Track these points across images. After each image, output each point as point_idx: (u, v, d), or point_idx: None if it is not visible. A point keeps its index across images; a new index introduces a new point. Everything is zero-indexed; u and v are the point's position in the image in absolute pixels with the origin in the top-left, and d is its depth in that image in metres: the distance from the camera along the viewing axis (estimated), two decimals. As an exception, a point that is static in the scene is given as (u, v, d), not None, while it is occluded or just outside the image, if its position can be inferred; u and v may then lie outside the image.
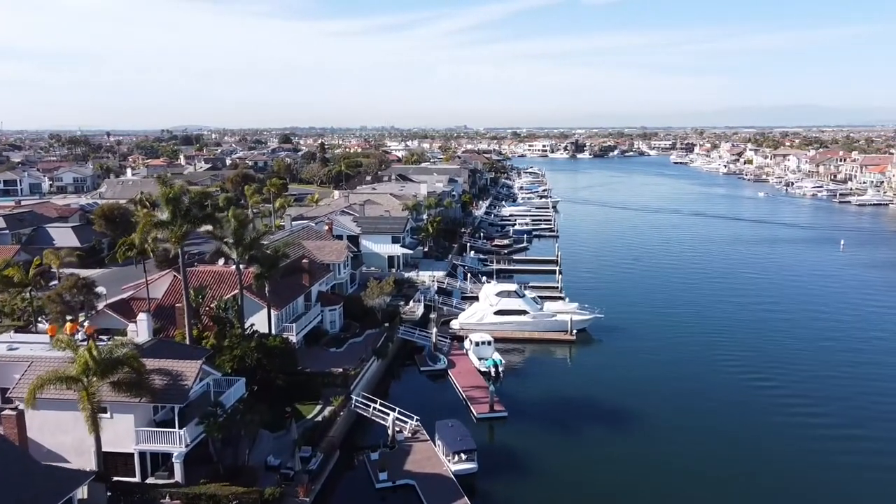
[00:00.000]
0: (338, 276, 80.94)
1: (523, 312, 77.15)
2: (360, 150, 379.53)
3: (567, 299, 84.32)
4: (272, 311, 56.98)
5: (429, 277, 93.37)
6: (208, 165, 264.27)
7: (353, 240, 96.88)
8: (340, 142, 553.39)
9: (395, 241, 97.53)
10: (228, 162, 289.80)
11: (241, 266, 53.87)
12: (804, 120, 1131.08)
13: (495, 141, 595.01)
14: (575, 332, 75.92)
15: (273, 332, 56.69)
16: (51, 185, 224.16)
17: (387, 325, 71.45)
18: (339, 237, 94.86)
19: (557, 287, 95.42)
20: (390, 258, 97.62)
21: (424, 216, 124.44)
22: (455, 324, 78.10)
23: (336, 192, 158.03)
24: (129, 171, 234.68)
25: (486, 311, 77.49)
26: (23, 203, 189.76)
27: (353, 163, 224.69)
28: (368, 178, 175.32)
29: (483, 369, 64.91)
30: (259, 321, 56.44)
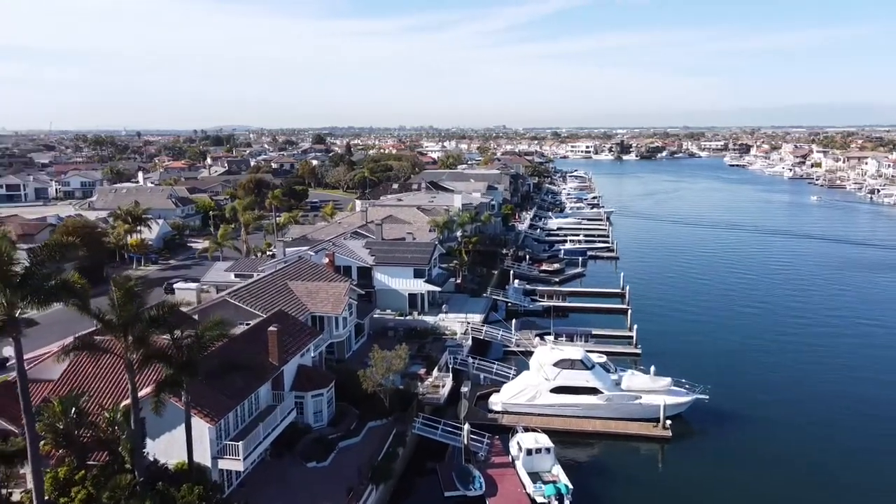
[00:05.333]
0: (335, 333, 59.19)
1: (593, 391, 54.30)
2: (394, 150, 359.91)
3: (653, 372, 60.83)
4: (205, 424, 35.30)
5: (460, 324, 71.13)
6: (224, 169, 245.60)
7: (365, 272, 75.20)
8: (376, 142, 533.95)
9: (418, 274, 75.35)
10: (252, 164, 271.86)
11: (133, 363, 31.68)
12: (857, 119, 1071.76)
13: (535, 141, 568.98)
14: (668, 421, 52.81)
15: (207, 457, 35.16)
16: (57, 191, 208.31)
17: (398, 413, 49.46)
18: (346, 270, 73.28)
19: (630, 339, 72.27)
20: (412, 297, 75.52)
21: (458, 234, 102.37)
22: (496, 401, 55.75)
23: (357, 203, 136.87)
24: (140, 174, 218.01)
25: (539, 386, 54.91)
26: (23, 209, 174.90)
27: (380, 167, 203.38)
28: (395, 185, 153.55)
29: (541, 501, 42.38)
30: (181, 438, 34.81)
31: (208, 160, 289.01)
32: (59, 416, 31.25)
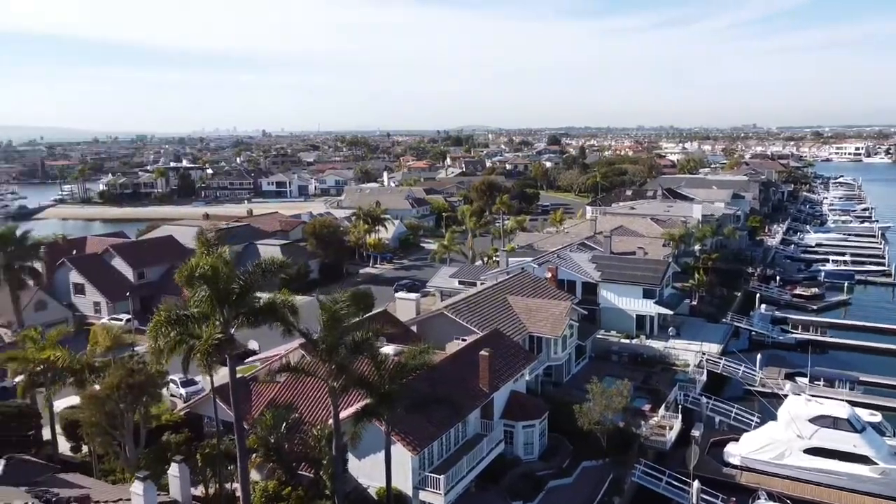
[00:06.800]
0: (554, 356, 55.63)
1: (861, 460, 44.53)
2: (630, 152, 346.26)
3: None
4: (408, 452, 33.89)
5: (693, 353, 63.62)
6: (460, 170, 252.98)
7: (590, 288, 70.66)
8: (612, 143, 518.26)
9: (647, 294, 69.01)
10: (488, 165, 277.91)
11: (336, 387, 30.70)
12: None
13: (791, 142, 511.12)
14: (967, 510, 41.48)
15: (408, 486, 33.78)
16: (316, 188, 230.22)
17: (617, 455, 44.60)
18: (570, 285, 69.38)
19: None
20: (639, 318, 69.40)
21: (695, 249, 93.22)
22: (733, 452, 48.09)
23: (587, 210, 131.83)
24: (385, 174, 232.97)
25: (789, 443, 46.34)
26: (285, 204, 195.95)
27: (614, 170, 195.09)
28: (629, 191, 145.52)
29: None
30: (375, 467, 33.68)
31: (447, 160, 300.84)
32: (270, 429, 31.65)
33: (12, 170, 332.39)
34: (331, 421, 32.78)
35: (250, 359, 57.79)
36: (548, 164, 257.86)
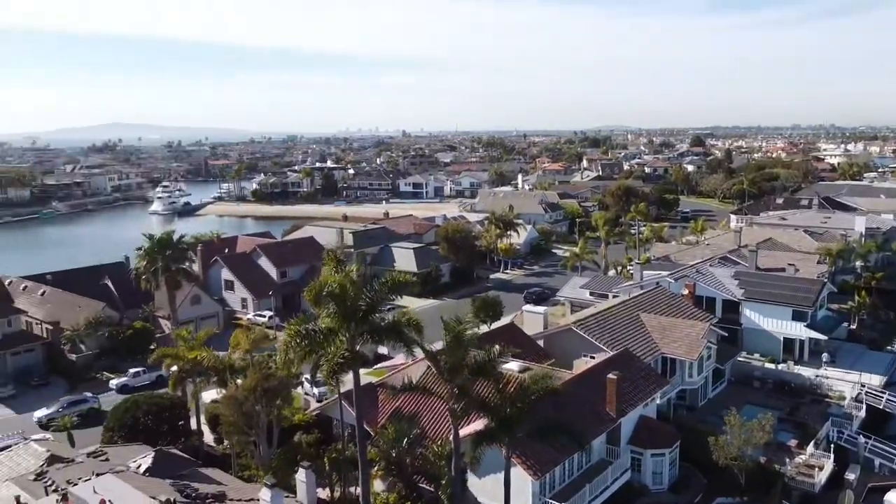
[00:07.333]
0: (688, 379, 52.59)
1: None
2: (783, 154, 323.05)
3: None
4: (528, 476, 33.13)
5: (850, 385, 57.78)
6: (596, 174, 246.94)
7: (731, 307, 66.20)
8: (763, 144, 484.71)
9: (797, 316, 63.53)
10: (626, 167, 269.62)
11: (456, 408, 30.45)
12: None
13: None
14: None
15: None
16: (451, 189, 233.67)
17: (756, 494, 41.32)
18: (709, 302, 65.43)
19: None
20: (787, 342, 64.10)
21: (857, 266, 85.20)
22: (894, 501, 43.20)
23: (732, 220, 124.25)
24: (520, 176, 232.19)
25: (964, 497, 40.90)
26: (421, 205, 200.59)
27: (763, 175, 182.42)
28: (780, 199, 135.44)
29: None
30: (496, 486, 33.09)
31: (583, 163, 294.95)
32: (392, 443, 32.09)
33: (180, 168, 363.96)
34: (451, 436, 32.71)
35: (380, 365, 59.23)
36: (690, 168, 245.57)
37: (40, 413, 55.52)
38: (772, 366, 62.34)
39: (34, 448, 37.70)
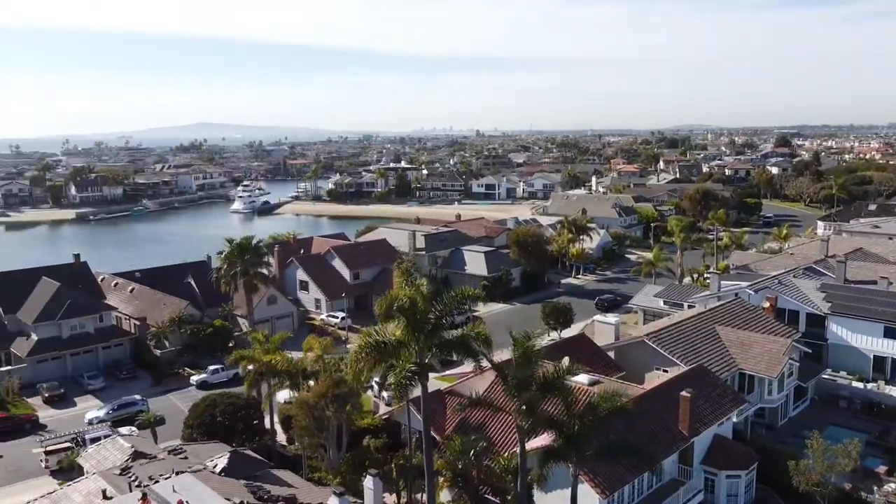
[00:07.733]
0: (767, 398, 50.51)
1: None
2: (878, 156, 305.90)
3: None
4: (596, 494, 32.59)
5: (948, 409, 54.16)
6: (672, 176, 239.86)
7: (816, 321, 63.18)
8: (855, 144, 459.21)
9: (891, 333, 60.01)
10: (705, 169, 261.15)
11: (524, 426, 30.15)
12: None
13: None
14: None
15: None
16: (523, 190, 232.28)
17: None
18: (791, 315, 62.66)
19: None
20: (877, 360, 60.63)
21: (958, 279, 79.56)
22: None
23: (819, 226, 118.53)
24: (594, 178, 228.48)
25: None
26: (493, 207, 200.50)
27: (855, 179, 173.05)
28: (873, 205, 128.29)
29: None
30: (566, 501, 32.63)
31: (660, 164, 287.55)
32: (459, 455, 32.20)
33: (261, 167, 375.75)
34: (517, 449, 32.51)
35: (448, 372, 59.44)
36: (774, 170, 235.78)
37: (91, 415, 56.93)
38: (860, 385, 59.07)
39: (120, 443, 39.80)
